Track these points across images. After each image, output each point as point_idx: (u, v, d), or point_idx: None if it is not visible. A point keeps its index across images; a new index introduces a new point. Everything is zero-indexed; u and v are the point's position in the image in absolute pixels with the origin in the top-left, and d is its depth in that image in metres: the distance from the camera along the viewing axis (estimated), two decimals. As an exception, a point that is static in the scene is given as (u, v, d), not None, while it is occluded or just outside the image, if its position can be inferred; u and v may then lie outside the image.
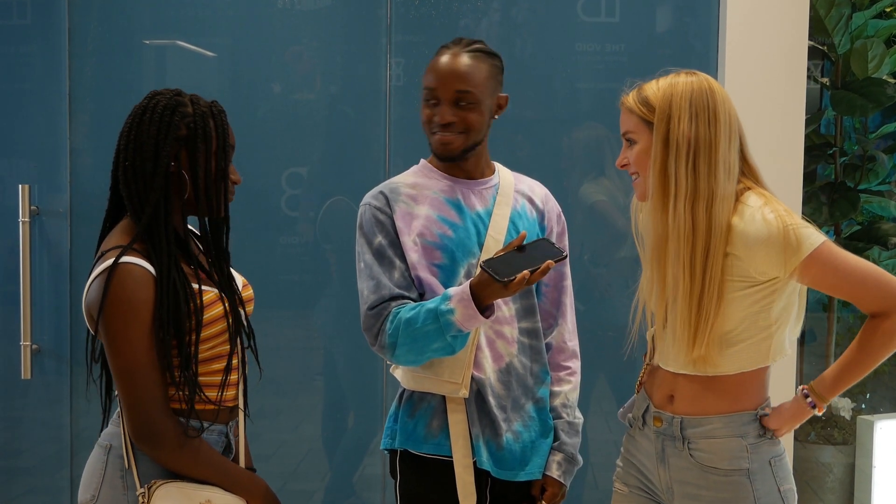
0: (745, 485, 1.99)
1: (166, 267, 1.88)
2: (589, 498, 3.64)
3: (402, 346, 2.16)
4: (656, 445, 2.09)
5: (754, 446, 2.00)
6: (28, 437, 3.61)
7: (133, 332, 1.84)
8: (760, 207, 1.94)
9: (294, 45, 3.56)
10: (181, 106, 1.93)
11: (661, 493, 2.11)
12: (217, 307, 1.96)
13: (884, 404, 5.13)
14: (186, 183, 1.93)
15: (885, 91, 4.06)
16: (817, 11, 4.06)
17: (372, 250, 2.25)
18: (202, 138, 1.92)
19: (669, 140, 1.96)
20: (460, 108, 2.23)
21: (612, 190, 3.52)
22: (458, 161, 2.30)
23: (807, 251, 1.90)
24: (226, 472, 1.95)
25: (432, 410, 2.27)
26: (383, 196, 2.30)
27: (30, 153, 3.53)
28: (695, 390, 2.04)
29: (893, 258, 4.24)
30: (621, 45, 3.59)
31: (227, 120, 1.98)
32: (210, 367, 1.97)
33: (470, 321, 2.10)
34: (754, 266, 1.93)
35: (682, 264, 1.95)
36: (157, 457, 1.89)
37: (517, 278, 2.02)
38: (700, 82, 1.99)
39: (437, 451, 2.26)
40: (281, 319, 3.57)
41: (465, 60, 2.24)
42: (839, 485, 4.19)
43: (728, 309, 1.96)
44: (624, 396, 2.33)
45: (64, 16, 3.46)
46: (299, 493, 3.60)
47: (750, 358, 2.00)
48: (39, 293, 3.48)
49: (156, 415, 1.86)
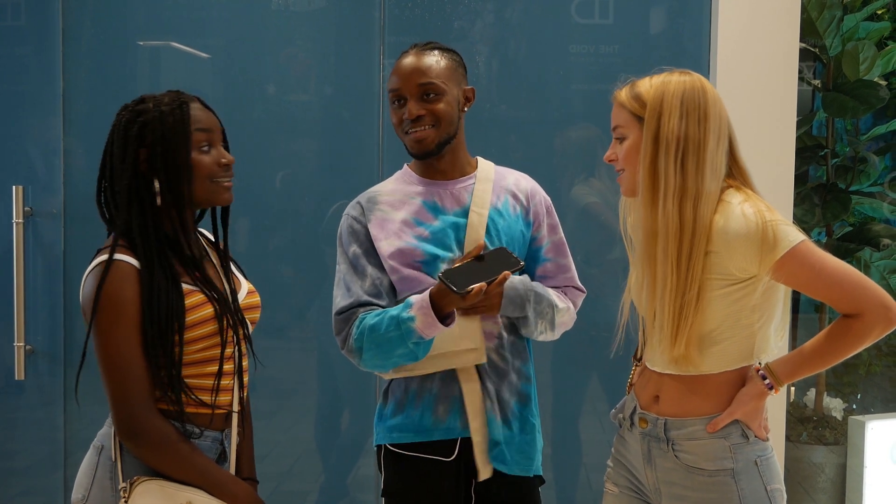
0: (729, 485, 1.99)
1: (148, 263, 1.90)
2: (582, 498, 3.65)
3: (368, 350, 2.20)
4: (642, 446, 2.10)
5: (738, 446, 2.00)
6: (22, 438, 3.60)
7: (119, 327, 1.85)
8: (740, 203, 1.95)
9: (288, 46, 3.56)
10: (142, 114, 1.95)
11: (650, 493, 2.11)
12: (205, 308, 1.96)
13: (875, 405, 5.15)
14: (155, 185, 1.94)
15: (876, 93, 4.08)
16: (809, 14, 4.08)
17: (347, 259, 2.31)
18: (160, 140, 1.93)
19: (659, 137, 1.97)
20: (427, 101, 2.27)
21: (605, 191, 3.53)
22: (435, 158, 2.33)
23: (784, 249, 1.91)
24: (210, 475, 1.94)
25: (435, 398, 2.29)
26: (360, 206, 2.35)
27: (23, 154, 3.52)
28: (679, 391, 2.04)
29: (885, 259, 4.26)
30: (615, 46, 3.60)
31: (188, 109, 1.97)
32: (203, 370, 1.97)
33: (430, 329, 2.13)
34: (734, 262, 1.93)
35: (670, 261, 1.96)
36: (141, 454, 1.90)
37: (474, 290, 2.06)
38: (693, 81, 2.00)
39: (446, 435, 2.28)
40: (275, 321, 3.58)
41: (424, 57, 2.29)
42: (831, 485, 4.21)
43: (709, 308, 1.96)
44: (616, 397, 2.34)
45: (58, 17, 3.46)
46: (293, 494, 3.61)
47: (732, 357, 2.01)
48: (33, 294, 3.48)
49: (140, 411, 1.87)
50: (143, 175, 1.94)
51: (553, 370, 3.60)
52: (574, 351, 3.54)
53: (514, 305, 2.27)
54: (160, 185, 1.94)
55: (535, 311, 2.28)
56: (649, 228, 2.00)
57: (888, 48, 4.36)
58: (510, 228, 2.34)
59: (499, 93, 3.60)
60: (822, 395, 4.47)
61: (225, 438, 2.05)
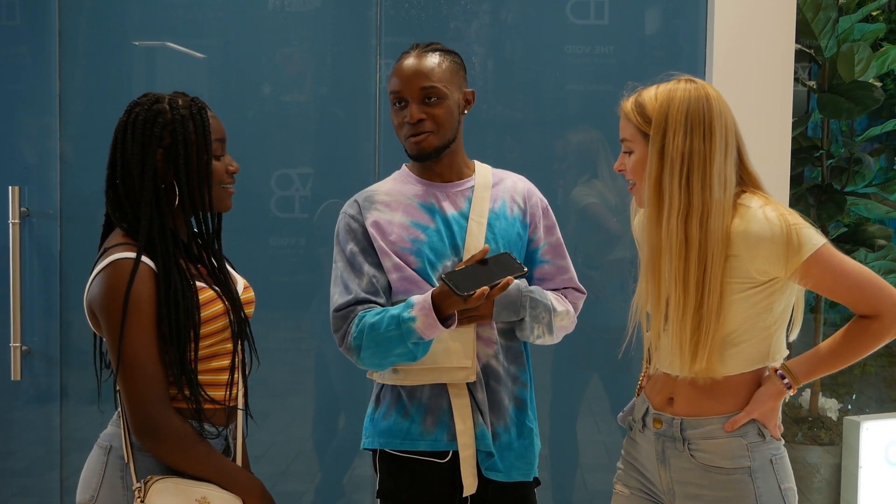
0: (746, 483, 2.00)
1: (165, 264, 1.91)
2: (578, 499, 3.65)
3: (367, 349, 2.20)
4: (656, 447, 2.10)
5: (754, 445, 2.02)
6: (18, 438, 3.60)
7: (135, 326, 1.86)
8: (761, 207, 1.96)
9: (284, 46, 3.56)
10: (161, 114, 1.95)
11: (663, 494, 2.12)
12: (216, 304, 1.98)
13: (870, 405, 5.16)
14: (174, 188, 1.95)
15: (871, 94, 4.09)
16: (804, 15, 4.09)
17: (344, 257, 2.31)
18: (182, 144, 1.94)
19: (664, 154, 1.96)
20: (428, 105, 2.26)
21: (604, 192, 3.53)
22: (433, 161, 2.33)
23: (809, 251, 1.92)
24: (224, 470, 1.96)
25: (424, 408, 2.29)
26: (357, 204, 2.35)
27: (19, 155, 3.52)
28: (695, 392, 2.05)
29: (880, 260, 4.27)
30: (610, 47, 3.60)
31: (207, 115, 1.99)
32: (209, 366, 1.99)
33: (430, 330, 2.13)
34: (755, 266, 1.94)
35: (675, 279, 1.96)
36: (158, 452, 1.90)
37: (476, 293, 2.06)
38: (698, 92, 1.98)
39: (433, 447, 2.28)
40: (271, 321, 3.57)
41: (426, 59, 2.28)
42: (826, 485, 4.22)
43: (729, 311, 1.97)
44: (617, 398, 2.35)
45: (54, 17, 3.45)
46: (289, 495, 3.60)
47: (750, 359, 2.02)
48: (29, 295, 3.47)
49: (157, 409, 1.87)
50: (160, 176, 1.95)
51: (551, 371, 3.60)
52: (572, 352, 3.54)
53: (508, 310, 2.27)
54: (183, 189, 1.95)
55: (530, 315, 2.28)
56: (654, 244, 2.01)
57: (883, 49, 4.37)
58: (507, 231, 2.34)
59: (495, 93, 3.60)
60: (817, 395, 4.48)
61: (229, 433, 2.06)
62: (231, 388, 2.01)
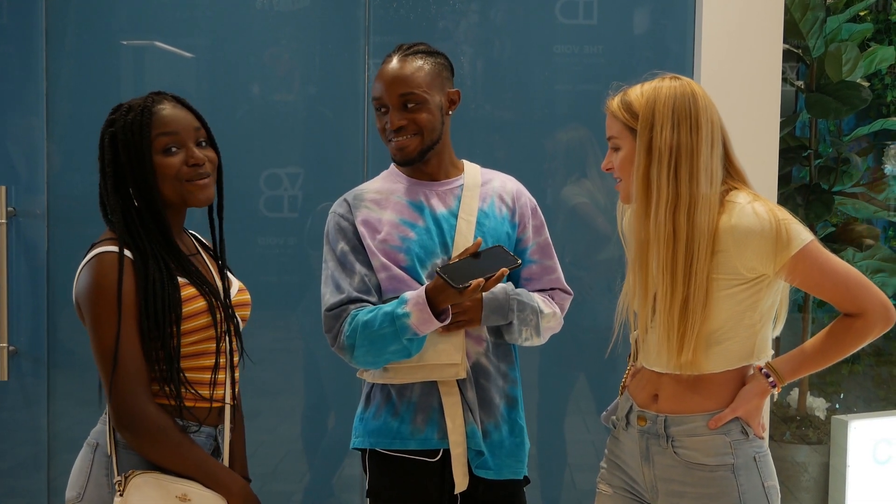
0: (730, 480, 2.01)
1: (142, 256, 1.92)
2: (567, 498, 3.66)
3: (360, 347, 2.20)
4: (640, 444, 2.11)
5: (738, 443, 2.03)
6: (5, 439, 3.58)
7: (115, 317, 1.86)
8: (750, 202, 1.97)
9: (272, 46, 3.55)
10: (114, 123, 1.98)
11: (646, 492, 2.12)
12: (198, 302, 1.97)
13: (858, 404, 5.18)
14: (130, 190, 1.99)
15: (859, 94, 4.10)
16: (792, 15, 4.10)
17: (335, 256, 2.30)
18: (124, 146, 1.96)
19: (652, 148, 1.98)
20: (408, 111, 2.27)
21: (593, 191, 3.54)
22: (417, 163, 2.33)
23: (797, 247, 1.93)
24: (206, 467, 1.94)
25: (415, 407, 2.29)
26: (346, 203, 2.35)
27: (6, 154, 3.50)
28: (679, 389, 2.06)
29: (867, 259, 4.29)
30: (599, 46, 3.61)
31: (154, 112, 1.97)
32: (196, 363, 1.98)
33: (425, 325, 2.14)
34: (742, 261, 1.95)
35: (663, 270, 1.97)
36: (137, 444, 1.90)
37: (472, 285, 2.07)
38: (683, 88, 2.00)
39: (423, 445, 2.28)
40: (260, 320, 3.56)
41: (406, 64, 2.28)
42: (814, 484, 4.23)
43: (714, 308, 1.98)
44: (603, 397, 2.35)
45: (41, 16, 3.44)
46: (278, 494, 3.60)
47: (735, 356, 2.03)
48: (16, 295, 3.46)
49: (137, 401, 1.87)
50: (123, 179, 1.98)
51: (539, 371, 3.61)
52: (560, 352, 3.54)
53: (496, 315, 2.27)
54: (133, 189, 1.97)
55: (518, 318, 2.29)
56: (642, 238, 2.02)
57: (871, 49, 4.38)
58: (496, 230, 2.35)
59: (483, 93, 3.60)
60: (805, 394, 4.50)
61: (218, 434, 2.05)
62: (214, 386, 2.00)
